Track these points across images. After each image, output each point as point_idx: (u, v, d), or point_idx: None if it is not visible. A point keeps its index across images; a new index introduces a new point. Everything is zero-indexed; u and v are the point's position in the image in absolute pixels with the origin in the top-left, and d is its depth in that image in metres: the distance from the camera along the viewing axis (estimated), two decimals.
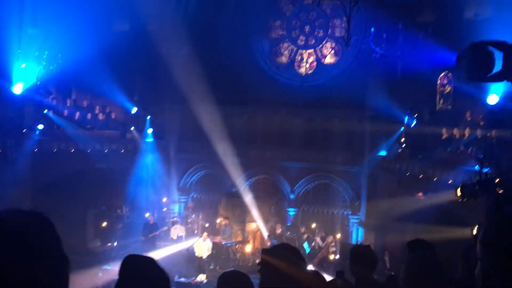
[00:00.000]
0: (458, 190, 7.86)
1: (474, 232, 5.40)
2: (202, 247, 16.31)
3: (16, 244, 1.03)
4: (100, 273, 15.68)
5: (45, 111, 19.13)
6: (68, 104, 20.38)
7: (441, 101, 18.58)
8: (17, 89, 17.57)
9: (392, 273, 8.81)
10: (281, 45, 21.77)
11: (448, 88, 18.46)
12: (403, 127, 17.25)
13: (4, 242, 1.02)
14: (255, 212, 18.51)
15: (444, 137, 16.27)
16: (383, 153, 18.01)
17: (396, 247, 14.37)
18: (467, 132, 15.46)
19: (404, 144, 17.16)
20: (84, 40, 18.03)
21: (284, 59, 21.69)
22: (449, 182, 13.55)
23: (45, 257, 1.07)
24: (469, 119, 16.49)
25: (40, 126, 18.63)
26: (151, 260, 2.21)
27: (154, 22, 20.77)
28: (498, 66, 4.48)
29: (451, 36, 15.85)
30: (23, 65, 17.70)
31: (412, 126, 17.29)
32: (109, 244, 18.56)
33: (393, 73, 16.75)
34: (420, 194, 15.04)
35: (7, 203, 14.16)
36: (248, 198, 18.82)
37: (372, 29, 17.38)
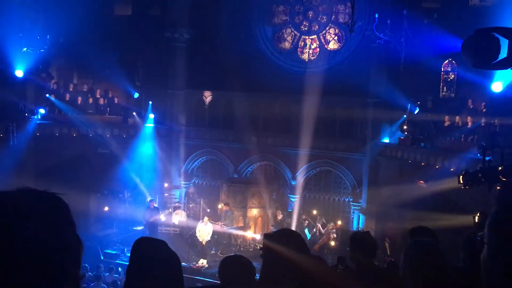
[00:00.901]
0: (460, 177, 7.85)
1: (476, 219, 5.42)
2: (204, 231, 16.39)
3: (30, 225, 1.00)
4: (102, 256, 15.82)
5: (47, 95, 19.10)
6: (70, 89, 20.33)
7: (445, 89, 18.51)
8: (19, 73, 17.53)
9: (393, 260, 8.84)
10: (284, 30, 21.61)
11: (451, 76, 18.36)
12: (405, 115, 17.20)
13: (18, 223, 0.99)
14: (256, 198, 18.57)
15: (446, 124, 16.23)
16: (385, 140, 17.99)
17: (397, 234, 14.43)
18: (469, 120, 15.41)
19: (407, 132, 17.13)
20: (86, 24, 17.93)
21: (287, 44, 21.56)
22: (451, 170, 13.55)
23: (58, 239, 1.04)
24: (471, 106, 16.44)
25: (42, 110, 18.61)
26: (163, 243, 2.20)
27: (156, 6, 20.65)
28: (503, 53, 4.44)
29: (456, 22, 15.71)
30: (25, 49, 17.63)
31: (415, 113, 17.24)
32: (111, 229, 18.68)
33: (397, 60, 16.63)
34: (422, 181, 15.05)
35: (8, 187, 14.20)
36: (250, 184, 18.86)
37: (376, 15, 17.21)
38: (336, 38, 20.90)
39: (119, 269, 14.39)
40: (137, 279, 2.11)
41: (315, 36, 21.15)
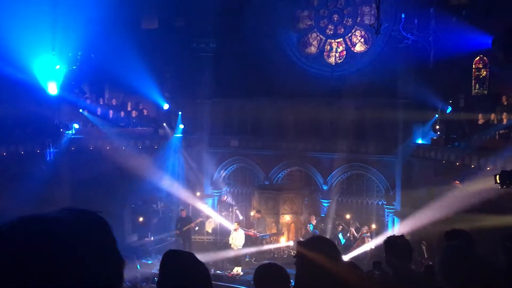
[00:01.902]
0: (497, 177, 7.64)
1: None
2: (236, 238, 16.42)
3: (75, 245, 1.01)
4: (139, 266, 16.03)
5: (80, 110, 19.60)
6: (102, 103, 20.82)
7: (477, 86, 18.07)
8: (53, 89, 18.08)
9: (430, 263, 8.67)
10: (310, 35, 21.58)
11: (483, 72, 17.93)
12: (437, 114, 16.87)
13: (59, 244, 1.00)
14: (288, 204, 18.53)
15: (480, 122, 15.84)
16: (418, 141, 17.69)
17: (433, 236, 14.13)
18: (504, 116, 15.00)
19: (439, 131, 16.80)
20: (115, 39, 18.35)
21: (313, 49, 21.51)
22: (488, 169, 13.21)
23: (102, 258, 1.05)
24: (505, 103, 16.00)
25: (76, 125, 19.11)
26: (191, 255, 2.23)
27: (181, 18, 20.97)
28: None
29: (485, 19, 15.37)
30: (58, 67, 18.18)
31: (447, 113, 16.90)
32: (146, 239, 18.95)
33: (426, 59, 16.35)
34: (458, 182, 14.71)
35: (47, 201, 14.63)
36: (281, 191, 18.82)
37: (403, 15, 16.99)
38: (362, 40, 20.74)
39: (155, 279, 14.57)
40: None
41: (341, 39, 21.04)
